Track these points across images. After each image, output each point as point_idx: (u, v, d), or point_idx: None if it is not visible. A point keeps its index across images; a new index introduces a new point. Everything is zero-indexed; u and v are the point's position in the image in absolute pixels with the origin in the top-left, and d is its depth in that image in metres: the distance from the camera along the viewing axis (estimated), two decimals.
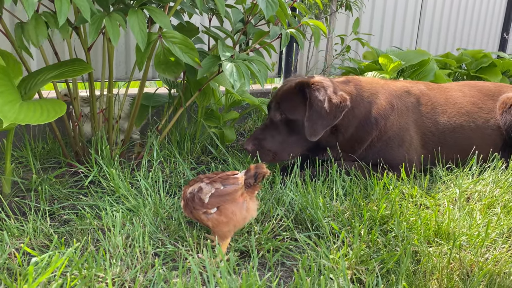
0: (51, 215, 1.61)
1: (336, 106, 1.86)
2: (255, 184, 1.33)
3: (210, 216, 1.31)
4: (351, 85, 2.01)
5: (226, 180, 1.33)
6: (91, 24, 1.50)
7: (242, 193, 1.32)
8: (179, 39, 1.55)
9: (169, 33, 1.56)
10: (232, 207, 1.30)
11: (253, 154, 1.96)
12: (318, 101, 1.87)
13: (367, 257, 1.34)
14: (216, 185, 1.32)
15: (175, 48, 1.54)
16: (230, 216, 1.31)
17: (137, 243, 1.35)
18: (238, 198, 1.31)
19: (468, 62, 3.78)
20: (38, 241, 1.42)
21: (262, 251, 1.42)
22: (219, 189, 1.31)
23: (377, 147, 1.98)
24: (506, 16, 5.70)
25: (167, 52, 1.58)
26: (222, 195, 1.30)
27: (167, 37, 1.56)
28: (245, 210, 1.32)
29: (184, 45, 1.56)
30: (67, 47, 1.91)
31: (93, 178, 1.80)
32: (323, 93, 1.89)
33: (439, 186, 1.94)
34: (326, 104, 1.86)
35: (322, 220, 1.48)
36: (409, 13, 4.59)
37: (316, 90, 1.91)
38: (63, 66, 1.76)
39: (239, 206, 1.31)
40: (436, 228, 1.50)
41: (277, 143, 1.95)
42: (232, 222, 1.32)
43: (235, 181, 1.31)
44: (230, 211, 1.30)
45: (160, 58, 1.60)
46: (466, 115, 2.12)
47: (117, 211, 1.53)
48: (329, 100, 1.87)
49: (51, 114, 1.45)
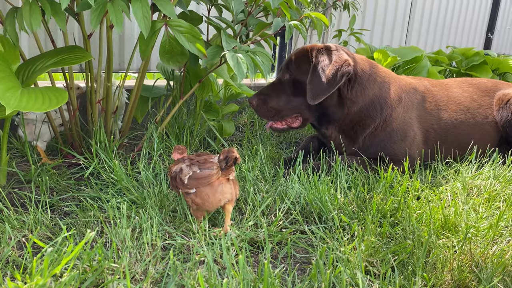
0: (51, 207, 1.56)
1: (337, 69, 1.84)
2: (228, 168, 1.37)
3: (189, 196, 1.39)
4: (367, 64, 2.00)
5: (203, 164, 1.39)
6: (93, 10, 1.45)
7: (218, 177, 1.37)
8: (186, 28, 1.51)
9: (174, 21, 1.53)
10: (207, 190, 1.37)
11: (256, 109, 2.00)
12: (322, 64, 1.87)
13: (378, 249, 1.33)
14: (194, 168, 1.38)
15: (181, 37, 1.51)
16: (205, 198, 1.38)
17: (145, 235, 1.31)
18: (214, 182, 1.37)
19: (458, 60, 3.83)
20: (40, 233, 1.37)
21: (272, 244, 1.41)
22: (195, 173, 1.37)
23: (380, 137, 1.97)
24: (491, 17, 5.83)
25: (172, 42, 1.54)
26: (198, 178, 1.36)
27: (173, 26, 1.52)
28: (220, 193, 1.38)
29: (190, 34, 1.52)
30: (62, 35, 1.85)
31: (92, 170, 1.75)
32: (329, 57, 1.88)
33: (439, 180, 1.95)
34: (329, 68, 1.85)
35: (333, 212, 1.46)
36: (400, 11, 4.64)
37: (323, 54, 1.90)
38: (62, 53, 1.71)
39: (214, 189, 1.37)
40: (443, 221, 1.50)
41: (282, 102, 1.97)
42: (206, 204, 1.39)
43: (211, 166, 1.37)
44: (204, 194, 1.37)
45: (166, 48, 1.56)
46: (466, 112, 2.14)
47: (122, 203, 1.49)
48: (333, 63, 1.86)
49: (53, 102, 1.40)
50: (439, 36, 5.23)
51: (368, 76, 1.95)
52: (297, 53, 2.02)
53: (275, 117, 1.99)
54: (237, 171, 1.87)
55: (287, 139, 2.61)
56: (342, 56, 1.90)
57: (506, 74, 3.89)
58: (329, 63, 1.88)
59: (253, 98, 2.00)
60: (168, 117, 2.07)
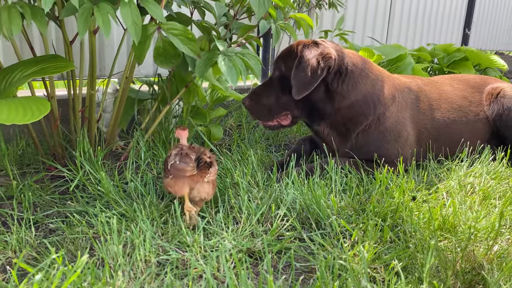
0: (35, 224, 1.47)
1: (318, 62, 1.82)
2: (201, 169, 1.40)
3: (166, 180, 1.44)
4: (359, 59, 1.97)
5: (184, 157, 1.41)
6: (79, 15, 1.37)
7: (192, 173, 1.40)
8: (179, 30, 1.46)
9: (167, 24, 1.47)
10: (180, 183, 1.41)
11: (249, 109, 1.98)
12: (305, 58, 1.85)
13: (380, 254, 1.30)
14: (176, 158, 1.41)
15: (175, 39, 1.45)
16: (177, 188, 1.41)
17: (138, 252, 1.25)
18: (189, 177, 1.40)
19: (440, 57, 3.85)
20: (25, 254, 1.29)
21: (271, 253, 1.36)
22: (175, 163, 1.40)
23: (373, 136, 1.94)
24: (467, 13, 5.93)
25: (167, 44, 1.49)
26: (176, 169, 1.40)
27: (166, 29, 1.46)
28: (196, 190, 1.42)
29: (184, 36, 1.47)
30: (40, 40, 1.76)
31: (77, 182, 1.67)
32: (312, 51, 1.86)
33: (431, 179, 1.94)
34: (311, 62, 1.83)
35: (332, 217, 1.42)
36: (380, 10, 4.66)
37: (307, 48, 1.88)
38: (42, 62, 1.62)
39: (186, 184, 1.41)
40: (441, 221, 1.48)
41: (273, 100, 1.95)
42: (178, 194, 1.43)
43: (188, 161, 1.40)
44: (177, 185, 1.41)
45: (160, 51, 1.50)
46: (458, 110, 2.13)
47: (111, 217, 1.42)
48: (315, 57, 1.83)
49: (35, 113, 1.32)
50: (419, 34, 5.29)
51: (360, 71, 1.92)
52: (285, 50, 2.00)
53: (267, 116, 1.96)
54: (229, 177, 1.82)
55: (276, 141, 2.56)
56: (325, 50, 1.87)
57: (487, 69, 3.93)
58: (311, 57, 1.85)
59: (246, 99, 1.98)
60: (155, 124, 2.00)
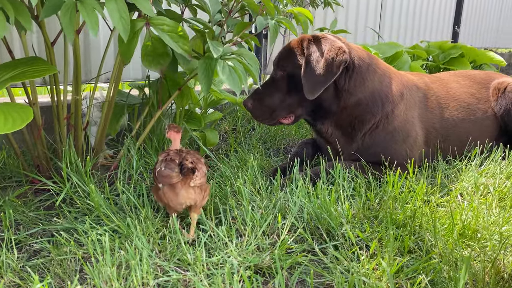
0: (17, 244, 1.33)
1: (333, 59, 1.71)
2: (184, 174, 1.32)
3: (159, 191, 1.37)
4: (365, 53, 1.85)
5: (168, 162, 1.34)
6: (62, 14, 1.23)
7: (178, 180, 1.33)
8: (170, 27, 1.32)
9: (157, 19, 1.33)
10: (167, 190, 1.34)
11: (252, 111, 1.87)
12: (316, 55, 1.73)
13: (403, 267, 1.19)
14: (161, 165, 1.34)
15: (165, 36, 1.32)
16: (169, 198, 1.34)
17: (135, 274, 1.11)
18: (175, 183, 1.33)
19: (435, 54, 3.78)
20: (6, 280, 1.14)
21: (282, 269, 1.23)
22: (161, 169, 1.33)
23: (381, 136, 1.83)
24: (456, 11, 5.93)
25: (155, 42, 1.35)
26: (161, 176, 1.33)
27: (156, 24, 1.33)
28: (182, 196, 1.34)
29: (175, 32, 1.33)
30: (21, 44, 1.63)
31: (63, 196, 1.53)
32: (322, 46, 1.74)
33: (441, 181, 1.84)
34: (324, 58, 1.71)
35: (346, 226, 1.30)
36: (371, 8, 4.60)
37: (314, 44, 1.76)
38: (21, 65, 1.48)
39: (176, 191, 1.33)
40: (461, 227, 1.38)
41: (276, 101, 1.84)
42: (170, 204, 1.35)
43: (173, 167, 1.33)
44: (168, 193, 1.34)
45: (148, 49, 1.37)
46: (467, 109, 2.04)
47: (103, 234, 1.28)
48: (327, 53, 1.72)
49: (17, 121, 1.18)
50: (410, 31, 5.24)
51: (367, 66, 1.80)
52: (287, 46, 1.88)
53: (270, 118, 1.85)
54: (229, 185, 1.69)
55: (274, 145, 2.44)
56: (336, 44, 1.76)
57: (483, 66, 3.87)
58: (322, 53, 1.74)
59: (248, 100, 1.86)
60: (146, 130, 1.87)
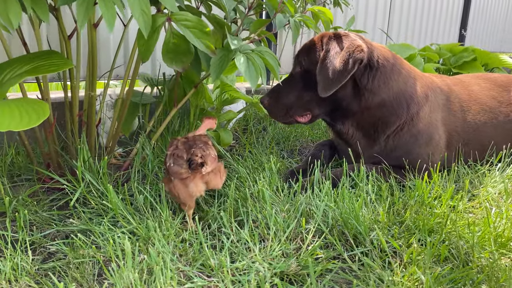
0: (31, 246, 1.27)
1: (349, 56, 1.65)
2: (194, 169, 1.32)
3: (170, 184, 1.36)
4: (389, 53, 1.80)
5: (176, 158, 1.33)
6: (79, 4, 1.18)
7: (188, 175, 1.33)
8: (193, 22, 1.26)
9: (179, 14, 1.27)
10: (177, 182, 1.34)
11: (268, 109, 1.83)
12: (334, 52, 1.68)
13: (439, 277, 1.13)
14: (170, 161, 1.34)
15: (188, 33, 1.26)
16: (179, 191, 1.34)
17: (159, 280, 1.06)
18: (185, 178, 1.33)
19: (446, 57, 3.74)
20: (22, 283, 1.08)
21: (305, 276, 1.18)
22: (170, 165, 1.34)
23: (405, 139, 1.77)
24: (463, 14, 5.91)
25: (178, 38, 1.29)
26: (172, 172, 1.33)
27: (178, 20, 1.27)
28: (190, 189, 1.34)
29: (198, 29, 1.27)
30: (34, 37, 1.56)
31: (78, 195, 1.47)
32: (340, 43, 1.70)
33: (463, 185, 1.78)
34: (340, 55, 1.66)
35: (377, 231, 1.25)
36: (380, 10, 4.56)
37: (333, 41, 1.72)
38: (36, 59, 1.42)
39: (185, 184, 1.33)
40: (495, 235, 1.32)
41: (293, 98, 1.79)
42: (181, 197, 1.35)
43: (182, 163, 1.32)
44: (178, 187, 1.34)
45: (169, 46, 1.30)
46: (489, 112, 1.98)
47: (122, 237, 1.22)
48: (344, 50, 1.67)
49: (33, 117, 1.12)
50: (418, 33, 5.21)
51: (392, 66, 1.75)
52: (307, 43, 1.83)
53: (286, 116, 1.80)
54: (246, 187, 1.64)
55: (287, 146, 2.39)
56: (355, 42, 1.70)
57: (494, 69, 3.83)
58: (340, 50, 1.69)
59: (265, 98, 1.82)
60: (161, 128, 1.81)
